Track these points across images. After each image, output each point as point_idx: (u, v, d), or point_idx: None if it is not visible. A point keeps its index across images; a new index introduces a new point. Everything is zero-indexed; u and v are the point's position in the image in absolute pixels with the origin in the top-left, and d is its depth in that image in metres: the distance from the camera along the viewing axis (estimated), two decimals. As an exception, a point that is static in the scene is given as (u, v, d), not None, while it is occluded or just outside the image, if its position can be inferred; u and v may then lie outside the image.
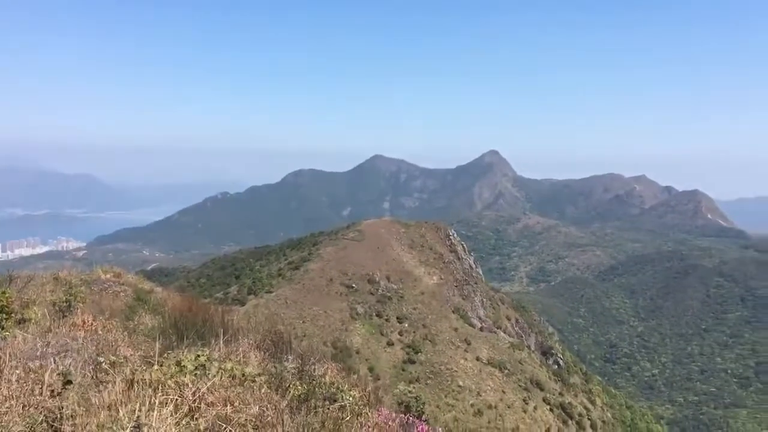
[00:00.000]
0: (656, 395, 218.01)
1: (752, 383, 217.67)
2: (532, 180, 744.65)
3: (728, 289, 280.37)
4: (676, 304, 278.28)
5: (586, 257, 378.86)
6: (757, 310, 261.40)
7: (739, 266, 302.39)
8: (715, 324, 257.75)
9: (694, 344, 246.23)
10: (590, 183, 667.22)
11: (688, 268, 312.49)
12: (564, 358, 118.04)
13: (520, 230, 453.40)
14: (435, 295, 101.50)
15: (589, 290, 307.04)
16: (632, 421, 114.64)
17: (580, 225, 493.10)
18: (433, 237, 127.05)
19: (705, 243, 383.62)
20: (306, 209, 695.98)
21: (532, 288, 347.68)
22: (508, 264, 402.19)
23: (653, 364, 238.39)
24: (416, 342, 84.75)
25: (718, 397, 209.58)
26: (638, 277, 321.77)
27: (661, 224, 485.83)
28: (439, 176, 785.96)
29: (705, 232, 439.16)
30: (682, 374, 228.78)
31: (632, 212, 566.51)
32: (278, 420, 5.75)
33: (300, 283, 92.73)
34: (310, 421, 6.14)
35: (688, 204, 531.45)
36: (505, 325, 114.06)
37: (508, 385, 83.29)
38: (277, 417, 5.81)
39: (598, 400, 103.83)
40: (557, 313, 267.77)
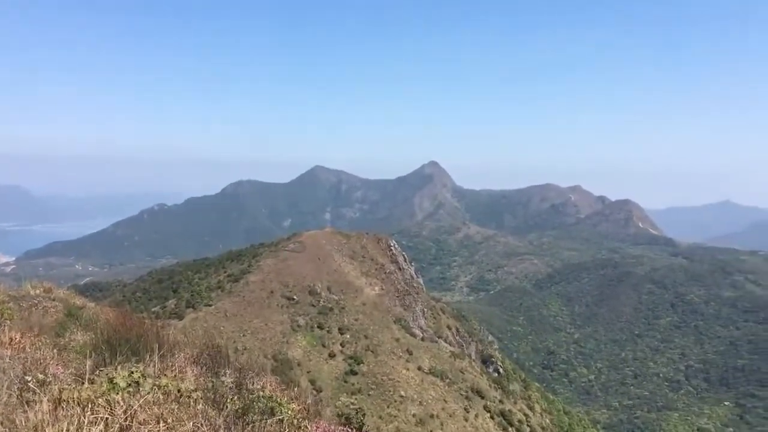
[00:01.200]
0: (593, 400, 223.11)
1: (683, 386, 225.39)
2: (471, 191, 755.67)
3: (659, 295, 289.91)
4: (611, 311, 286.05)
5: (524, 266, 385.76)
6: (686, 315, 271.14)
7: (668, 273, 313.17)
8: (647, 329, 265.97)
9: (628, 349, 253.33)
10: (528, 193, 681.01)
11: (622, 275, 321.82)
12: (504, 366, 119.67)
13: (460, 240, 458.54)
14: (376, 306, 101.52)
15: (528, 298, 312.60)
16: (570, 426, 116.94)
17: (518, 234, 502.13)
18: (374, 247, 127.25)
19: (637, 251, 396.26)
20: (246, 221, 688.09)
21: (472, 297, 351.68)
22: (448, 274, 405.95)
23: (589, 369, 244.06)
24: (358, 353, 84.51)
25: (651, 400, 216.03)
26: (574, 285, 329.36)
27: (596, 233, 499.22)
28: (379, 187, 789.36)
29: (637, 241, 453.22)
30: (616, 379, 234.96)
31: (568, 221, 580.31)
32: (214, 436, 5.63)
33: (240, 296, 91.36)
34: (246, 436, 6.03)
35: (621, 213, 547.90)
36: (446, 334, 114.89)
37: (450, 394, 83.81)
38: (213, 433, 5.68)
39: (537, 407, 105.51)
40: (497, 321, 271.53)
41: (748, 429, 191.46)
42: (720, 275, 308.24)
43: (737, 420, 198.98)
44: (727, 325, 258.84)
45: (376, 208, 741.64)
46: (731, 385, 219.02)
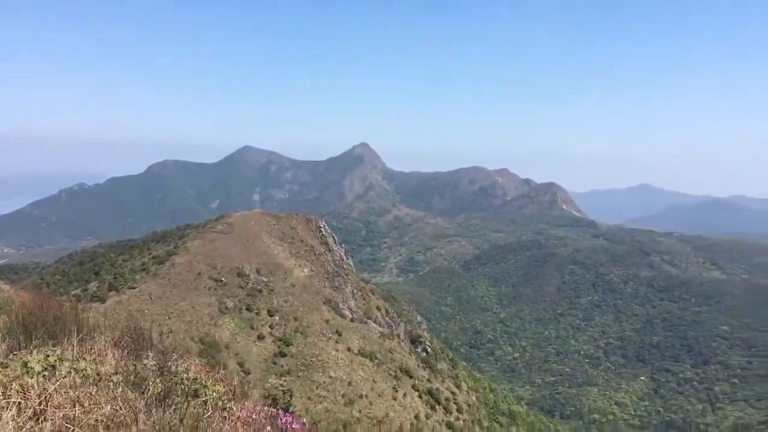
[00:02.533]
0: (517, 377, 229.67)
1: (602, 363, 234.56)
2: (401, 172, 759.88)
3: (581, 275, 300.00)
4: (535, 291, 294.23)
5: (452, 247, 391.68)
6: (606, 294, 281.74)
7: (590, 254, 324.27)
8: (569, 308, 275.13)
9: (551, 328, 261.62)
10: (456, 175, 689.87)
11: (546, 256, 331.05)
12: (432, 346, 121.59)
13: (390, 222, 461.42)
14: (306, 288, 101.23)
15: (456, 279, 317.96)
16: (495, 403, 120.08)
17: (446, 216, 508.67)
18: (303, 229, 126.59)
19: (561, 233, 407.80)
20: (172, 201, 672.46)
21: (402, 278, 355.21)
22: (378, 255, 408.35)
23: (514, 348, 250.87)
24: (287, 335, 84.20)
25: (572, 376, 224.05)
26: (501, 265, 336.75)
27: (522, 215, 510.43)
28: (309, 168, 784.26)
29: (560, 223, 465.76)
30: (540, 356, 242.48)
31: (495, 203, 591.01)
32: (132, 419, 5.49)
33: (166, 278, 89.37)
34: (168, 418, 5.92)
35: (546, 196, 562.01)
36: (376, 315, 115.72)
37: (379, 374, 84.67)
38: (131, 416, 5.54)
39: (464, 385, 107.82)
40: (425, 302, 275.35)
41: (662, 402, 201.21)
42: (638, 256, 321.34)
43: (652, 394, 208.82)
44: (644, 303, 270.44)
45: (306, 190, 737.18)
46: (647, 360, 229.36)
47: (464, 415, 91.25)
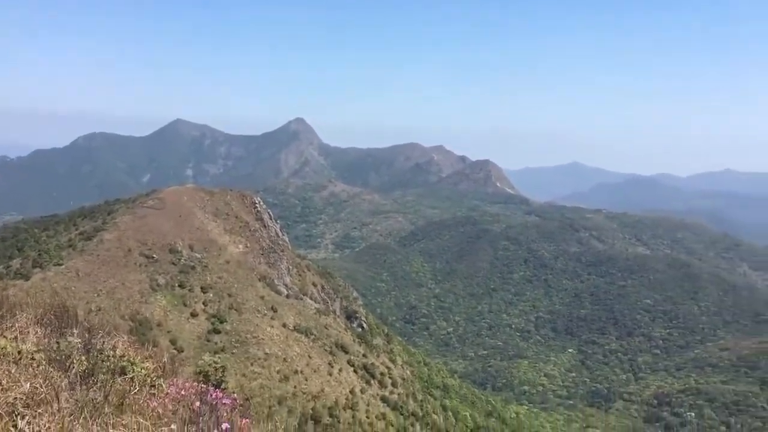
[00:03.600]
0: (451, 351, 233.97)
1: (532, 336, 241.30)
2: (337, 148, 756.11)
3: (513, 251, 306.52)
4: (469, 267, 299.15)
5: (388, 224, 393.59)
6: (537, 269, 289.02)
7: (522, 231, 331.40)
8: (502, 283, 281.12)
9: (484, 303, 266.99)
10: (393, 152, 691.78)
11: (480, 232, 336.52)
12: (367, 321, 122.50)
13: (326, 198, 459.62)
14: (241, 264, 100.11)
15: (391, 255, 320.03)
16: (429, 377, 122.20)
17: (383, 192, 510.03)
18: (238, 205, 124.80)
19: (494, 209, 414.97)
20: (100, 176, 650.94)
21: (338, 254, 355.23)
22: (314, 231, 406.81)
23: (448, 322, 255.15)
24: (221, 312, 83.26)
25: (504, 350, 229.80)
26: (436, 242, 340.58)
27: (457, 192, 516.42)
28: (244, 143, 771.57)
29: (494, 199, 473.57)
30: (473, 331, 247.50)
31: (431, 180, 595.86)
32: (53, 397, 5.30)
33: (94, 255, 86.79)
34: (92, 396, 5.74)
35: (481, 173, 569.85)
36: (312, 291, 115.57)
37: (314, 349, 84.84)
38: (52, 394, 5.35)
39: (398, 359, 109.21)
40: (361, 278, 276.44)
41: (589, 373, 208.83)
42: (568, 232, 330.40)
43: (579, 365, 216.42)
44: (573, 278, 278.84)
45: (240, 165, 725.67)
46: (575, 333, 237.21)
47: (399, 389, 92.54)
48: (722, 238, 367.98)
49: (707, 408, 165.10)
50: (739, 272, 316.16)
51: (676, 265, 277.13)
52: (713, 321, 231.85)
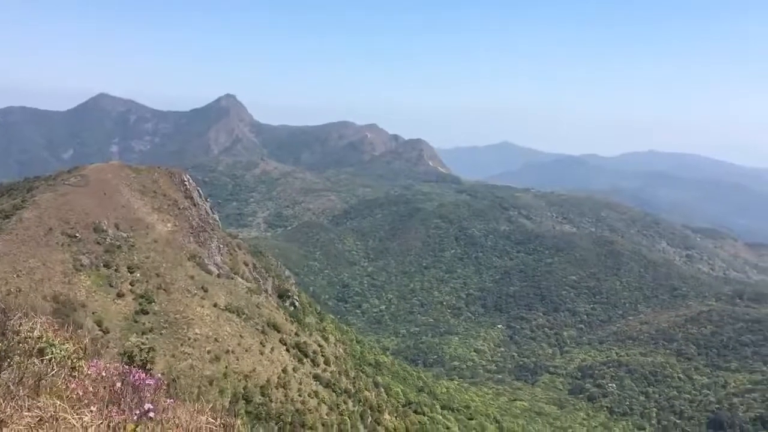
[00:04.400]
0: (383, 329, 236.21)
1: (463, 313, 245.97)
2: (269, 126, 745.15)
3: (445, 230, 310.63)
4: (402, 245, 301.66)
5: (321, 202, 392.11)
6: (468, 247, 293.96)
7: (454, 209, 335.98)
8: (433, 261, 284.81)
9: (416, 280, 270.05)
10: (326, 130, 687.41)
11: (412, 211, 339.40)
12: (300, 300, 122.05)
13: (257, 176, 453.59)
14: (169, 243, 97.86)
15: (324, 234, 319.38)
16: (362, 354, 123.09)
17: (315, 171, 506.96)
18: (166, 183, 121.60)
19: (426, 188, 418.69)
20: (18, 151, 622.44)
21: (270, 233, 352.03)
22: (245, 210, 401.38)
23: (381, 300, 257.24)
24: (149, 292, 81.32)
25: (435, 326, 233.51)
26: (368, 220, 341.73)
27: (390, 170, 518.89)
28: (172, 119, 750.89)
29: (427, 178, 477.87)
30: (405, 308, 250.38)
31: (364, 159, 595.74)
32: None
33: (12, 234, 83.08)
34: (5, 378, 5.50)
35: (413, 152, 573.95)
36: (243, 270, 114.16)
37: (246, 329, 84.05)
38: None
39: (331, 338, 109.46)
40: (294, 256, 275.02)
41: (517, 348, 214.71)
42: (498, 210, 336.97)
43: (508, 340, 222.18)
44: (503, 256, 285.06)
45: (168, 142, 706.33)
46: (504, 309, 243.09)
47: (331, 366, 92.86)
48: (643, 217, 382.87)
49: (628, 379, 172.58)
50: (659, 249, 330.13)
51: (600, 242, 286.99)
52: (634, 296, 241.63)
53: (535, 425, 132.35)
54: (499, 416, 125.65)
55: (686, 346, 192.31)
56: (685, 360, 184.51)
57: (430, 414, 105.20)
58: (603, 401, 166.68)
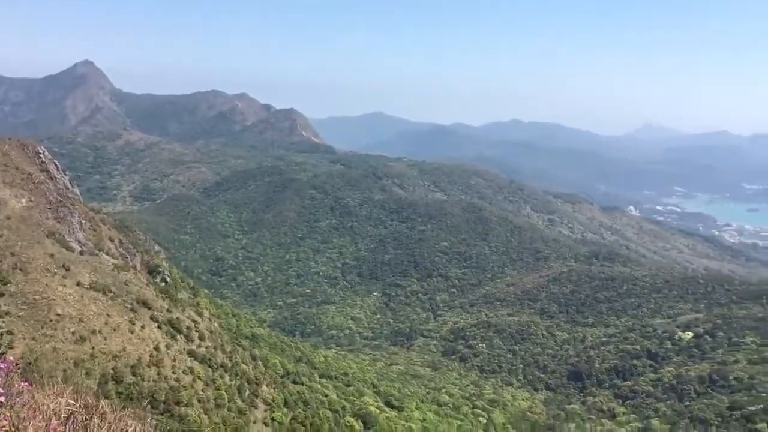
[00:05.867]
0: (259, 301, 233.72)
1: (339, 282, 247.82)
2: (132, 94, 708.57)
3: (320, 200, 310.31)
4: (276, 216, 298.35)
5: (191, 174, 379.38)
6: (343, 217, 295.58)
7: (328, 179, 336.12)
8: (309, 232, 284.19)
9: (292, 252, 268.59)
10: (194, 99, 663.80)
11: (286, 182, 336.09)
12: (171, 275, 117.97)
13: (121, 147, 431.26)
14: (24, 220, 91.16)
15: (195, 207, 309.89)
16: (238, 328, 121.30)
17: (184, 141, 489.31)
18: (19, 155, 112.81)
19: (300, 158, 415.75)
20: None
21: (137, 207, 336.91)
22: (109, 183, 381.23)
23: (256, 273, 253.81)
24: (4, 273, 75.57)
25: (312, 297, 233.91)
26: (242, 192, 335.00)
27: (262, 140, 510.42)
28: (24, 87, 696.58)
29: (300, 148, 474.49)
30: (281, 280, 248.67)
31: (235, 129, 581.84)
32: None
33: None
34: None
35: (286, 122, 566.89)
36: (108, 246, 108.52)
37: (114, 307, 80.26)
38: None
39: (205, 312, 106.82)
40: (163, 230, 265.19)
41: (393, 314, 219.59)
42: (371, 180, 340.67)
43: (384, 307, 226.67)
44: (377, 224, 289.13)
45: (20, 111, 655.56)
46: (379, 277, 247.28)
47: (206, 341, 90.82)
48: (509, 184, 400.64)
49: (496, 338, 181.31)
50: (523, 214, 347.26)
51: (470, 209, 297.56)
52: (501, 259, 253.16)
53: (411, 387, 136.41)
54: (376, 381, 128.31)
55: (549, 304, 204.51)
56: (547, 318, 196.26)
57: (308, 383, 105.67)
58: (474, 361, 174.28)
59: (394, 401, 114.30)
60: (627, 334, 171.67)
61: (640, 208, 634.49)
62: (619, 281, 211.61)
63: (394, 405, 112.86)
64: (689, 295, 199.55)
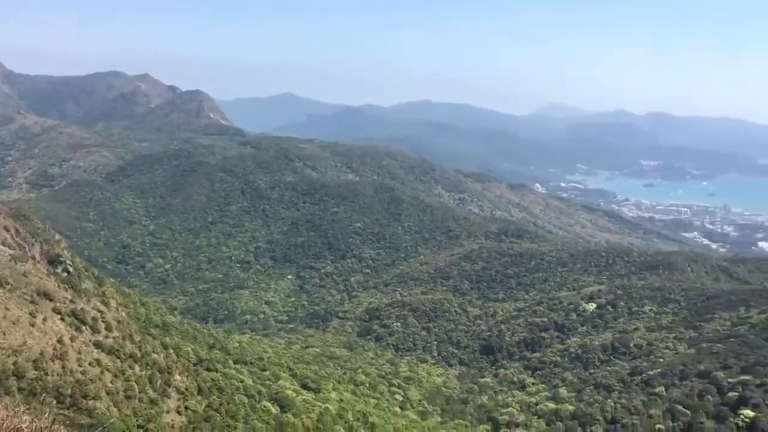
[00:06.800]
0: (169, 288, 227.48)
1: (252, 266, 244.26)
2: (25, 76, 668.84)
3: (230, 183, 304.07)
4: (185, 201, 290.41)
5: (93, 158, 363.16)
6: (254, 200, 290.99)
7: (239, 162, 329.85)
8: (220, 216, 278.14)
9: (203, 237, 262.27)
10: (92, 81, 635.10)
11: (195, 165, 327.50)
12: (74, 265, 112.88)
13: (15, 132, 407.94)
14: None
15: (98, 193, 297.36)
16: (147, 317, 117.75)
17: (84, 125, 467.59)
18: None
19: (208, 141, 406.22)
20: None
21: (34, 194, 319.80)
22: (2, 169, 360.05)
23: (165, 259, 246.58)
24: None
25: (224, 282, 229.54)
26: (148, 176, 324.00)
27: (168, 123, 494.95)
28: None
29: (208, 131, 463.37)
30: (192, 266, 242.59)
31: (138, 111, 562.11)
32: None
33: None
34: None
35: (192, 104, 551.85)
36: (4, 236, 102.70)
37: (12, 300, 76.12)
38: None
39: (112, 302, 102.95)
40: (64, 218, 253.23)
41: (307, 297, 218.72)
42: (283, 162, 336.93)
43: (298, 290, 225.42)
44: (290, 207, 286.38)
45: None
46: (293, 260, 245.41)
47: (114, 332, 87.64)
48: (420, 164, 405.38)
49: (411, 317, 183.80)
50: (435, 194, 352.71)
51: (383, 189, 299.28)
52: (415, 239, 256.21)
53: (328, 369, 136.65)
54: (292, 364, 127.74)
55: (461, 282, 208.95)
56: (460, 295, 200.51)
57: (223, 370, 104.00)
58: (389, 340, 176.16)
59: (311, 383, 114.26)
60: (535, 307, 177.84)
61: (546, 186, 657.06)
62: (527, 257, 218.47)
63: (311, 387, 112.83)
64: (592, 268, 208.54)
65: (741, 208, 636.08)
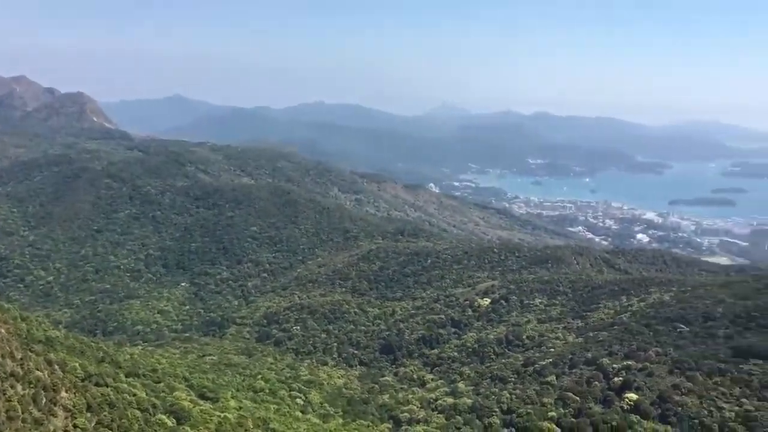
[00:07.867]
0: (53, 301, 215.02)
1: (143, 275, 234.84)
2: None
3: (117, 189, 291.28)
4: (68, 209, 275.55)
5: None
6: (144, 206, 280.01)
7: (125, 167, 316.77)
8: (107, 224, 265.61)
9: (88, 246, 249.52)
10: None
11: (78, 171, 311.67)
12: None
13: None
14: None
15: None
16: (29, 332, 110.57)
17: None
18: None
19: (92, 145, 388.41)
20: None
21: None
22: None
23: (48, 271, 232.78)
24: None
25: (113, 292, 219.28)
26: (25, 184, 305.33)
27: (47, 128, 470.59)
28: None
29: (91, 135, 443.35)
30: (77, 277, 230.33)
31: (14, 115, 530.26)
32: None
33: None
34: None
35: (74, 106, 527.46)
36: None
37: None
38: None
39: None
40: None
41: (203, 304, 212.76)
42: (173, 166, 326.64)
43: (193, 297, 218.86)
44: (182, 212, 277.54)
45: None
46: (187, 267, 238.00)
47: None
48: (316, 165, 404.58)
49: (310, 320, 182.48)
50: (331, 195, 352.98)
51: (278, 192, 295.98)
52: (312, 241, 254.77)
53: (226, 377, 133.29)
54: (188, 374, 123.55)
55: (359, 282, 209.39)
56: (359, 295, 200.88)
57: (114, 384, 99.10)
58: (289, 344, 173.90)
59: (209, 393, 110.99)
60: (433, 304, 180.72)
61: (440, 185, 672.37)
62: (424, 255, 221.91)
63: (209, 397, 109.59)
64: (486, 264, 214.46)
65: (620, 202, 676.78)
